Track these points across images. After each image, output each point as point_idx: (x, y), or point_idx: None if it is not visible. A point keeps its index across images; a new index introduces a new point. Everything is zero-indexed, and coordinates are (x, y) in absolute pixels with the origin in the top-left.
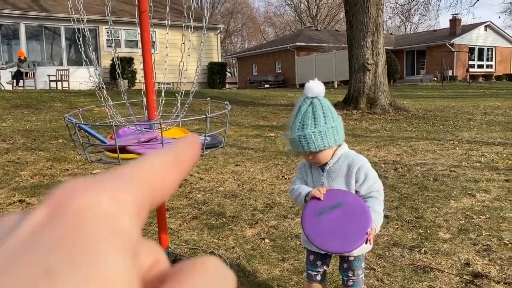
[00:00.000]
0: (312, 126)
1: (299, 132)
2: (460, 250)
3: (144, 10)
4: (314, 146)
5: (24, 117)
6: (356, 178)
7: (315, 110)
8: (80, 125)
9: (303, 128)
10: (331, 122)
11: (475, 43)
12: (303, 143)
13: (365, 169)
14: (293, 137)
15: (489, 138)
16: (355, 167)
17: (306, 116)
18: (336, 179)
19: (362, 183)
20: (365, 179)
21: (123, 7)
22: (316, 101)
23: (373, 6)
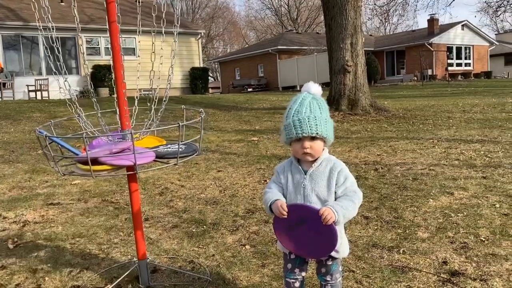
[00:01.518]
0: (307, 112)
1: (294, 117)
2: (438, 248)
3: (113, 20)
4: (307, 130)
5: (2, 129)
6: (336, 180)
7: (311, 102)
8: (51, 137)
9: (298, 114)
10: (325, 115)
11: (453, 42)
12: (297, 127)
13: (345, 173)
14: (288, 122)
15: (467, 136)
16: (336, 170)
17: (303, 105)
18: (319, 182)
19: (340, 185)
20: (344, 181)
21: (101, 14)
22: (313, 97)
23: (351, 8)
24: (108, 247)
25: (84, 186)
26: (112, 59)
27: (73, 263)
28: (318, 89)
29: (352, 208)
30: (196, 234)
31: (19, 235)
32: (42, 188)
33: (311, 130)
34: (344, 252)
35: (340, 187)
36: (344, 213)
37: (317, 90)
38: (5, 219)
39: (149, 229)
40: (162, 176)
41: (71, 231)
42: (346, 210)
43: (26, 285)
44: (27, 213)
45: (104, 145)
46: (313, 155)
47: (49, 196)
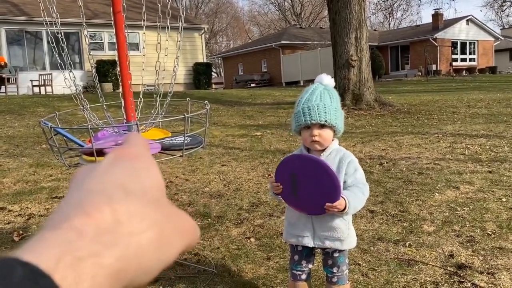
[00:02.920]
0: (317, 100)
1: (304, 105)
2: (444, 242)
3: (118, 11)
4: (316, 117)
5: (7, 123)
6: (346, 170)
7: (322, 92)
8: (56, 129)
9: (308, 102)
10: (335, 105)
11: (458, 37)
12: (306, 114)
13: (355, 164)
14: (297, 110)
15: (472, 131)
16: (346, 160)
17: (313, 94)
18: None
19: (350, 175)
20: (354, 172)
21: (105, 9)
22: (325, 88)
23: (356, 2)
24: None
25: None
26: (117, 50)
27: None
28: (330, 80)
29: (362, 199)
30: (201, 227)
31: (24, 227)
32: (46, 181)
33: (320, 118)
34: (351, 243)
35: (350, 177)
36: (355, 204)
37: (329, 81)
38: (10, 212)
39: None
40: (166, 170)
41: None
42: (357, 201)
43: None
44: (32, 206)
45: (109, 137)
46: (322, 143)
47: (53, 190)
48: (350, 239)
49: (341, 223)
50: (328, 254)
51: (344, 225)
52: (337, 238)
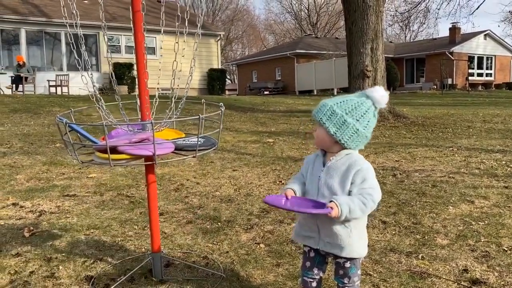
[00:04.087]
0: (338, 104)
1: (327, 100)
2: (458, 256)
3: (137, 10)
4: (316, 113)
5: (22, 122)
6: (352, 179)
7: (356, 101)
8: (71, 124)
9: (330, 100)
10: (354, 121)
11: (475, 52)
12: (318, 108)
13: (363, 174)
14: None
15: (488, 146)
16: (354, 169)
17: (344, 98)
18: (334, 176)
19: (357, 185)
20: (361, 182)
21: (124, 13)
22: (368, 101)
23: (373, 13)
24: (122, 239)
25: (100, 179)
26: (135, 48)
27: (87, 253)
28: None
29: (360, 210)
30: (211, 231)
31: (35, 224)
32: (58, 180)
33: (316, 114)
34: (352, 252)
35: (355, 187)
36: (349, 213)
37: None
38: (22, 208)
39: (164, 223)
40: (177, 173)
41: (86, 223)
42: (354, 209)
43: (40, 273)
44: (44, 203)
45: (123, 135)
46: (316, 142)
47: (65, 188)
48: (351, 248)
49: (342, 230)
50: (339, 264)
51: (346, 233)
52: (337, 244)
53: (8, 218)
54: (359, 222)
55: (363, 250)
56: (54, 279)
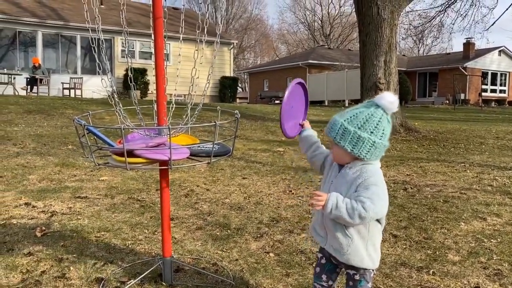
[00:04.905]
0: (348, 120)
1: (337, 116)
2: (470, 273)
3: (159, 16)
4: (332, 135)
5: (36, 122)
6: (357, 188)
7: (367, 113)
8: (89, 127)
9: (340, 116)
10: (368, 134)
11: (489, 68)
12: (329, 127)
13: (367, 184)
14: (332, 120)
15: (501, 162)
16: (361, 178)
17: (354, 111)
18: (342, 184)
19: (358, 192)
20: (363, 190)
21: (139, 18)
22: (378, 110)
23: (387, 26)
24: (133, 243)
25: (112, 182)
26: (155, 55)
27: (97, 255)
28: (388, 101)
29: (346, 211)
30: (220, 238)
31: (47, 224)
32: (70, 181)
33: (329, 133)
34: (349, 261)
35: (356, 193)
36: (336, 209)
37: (384, 101)
38: (34, 208)
39: (174, 229)
40: (188, 179)
41: (97, 225)
42: (339, 208)
43: (51, 273)
44: (55, 204)
45: (139, 139)
46: (335, 159)
47: (77, 190)
48: (349, 256)
49: (343, 238)
50: (349, 275)
51: (345, 241)
52: (338, 250)
53: (21, 218)
54: (367, 233)
55: (370, 263)
56: (65, 280)
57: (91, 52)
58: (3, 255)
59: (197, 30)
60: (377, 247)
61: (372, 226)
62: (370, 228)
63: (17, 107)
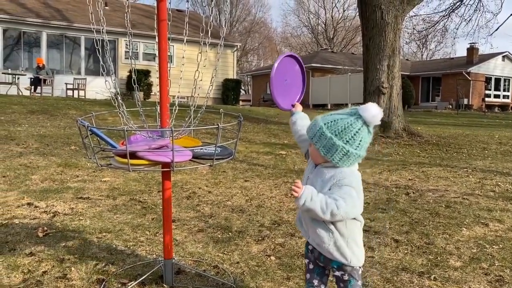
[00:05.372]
0: (328, 125)
1: (319, 118)
2: (472, 279)
3: (163, 19)
4: (310, 135)
5: (39, 123)
6: (330, 187)
7: (347, 122)
8: (92, 128)
9: (322, 118)
10: (344, 143)
11: (492, 73)
12: (310, 127)
13: (342, 184)
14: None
15: (503, 168)
16: (335, 179)
17: (336, 116)
18: (317, 180)
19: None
20: (337, 189)
21: (142, 20)
22: (359, 120)
23: (391, 30)
24: (134, 244)
25: (114, 183)
26: (159, 57)
27: (99, 256)
28: (370, 115)
29: (320, 205)
30: (222, 240)
31: (49, 224)
32: (73, 182)
33: (308, 132)
34: (354, 261)
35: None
36: (310, 201)
37: (367, 114)
38: (36, 208)
39: (175, 230)
40: (190, 181)
41: (98, 226)
42: (313, 202)
43: (52, 273)
44: (58, 204)
45: (142, 141)
46: (311, 157)
47: (79, 190)
48: (333, 252)
49: (323, 231)
50: (338, 277)
51: (326, 235)
52: (319, 244)
53: (23, 218)
54: (345, 230)
55: (354, 259)
56: (66, 280)
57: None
58: (5, 255)
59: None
60: (359, 243)
61: (350, 223)
62: (348, 225)
63: (20, 107)
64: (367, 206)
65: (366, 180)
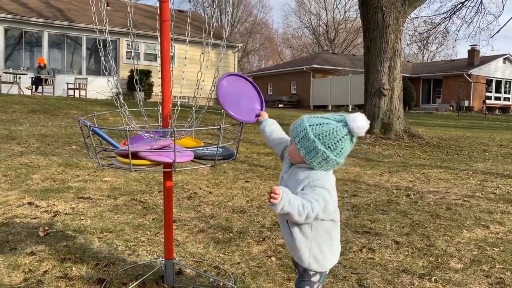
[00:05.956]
0: (313, 127)
1: (305, 118)
2: (472, 281)
3: (165, 20)
4: (293, 135)
5: (40, 122)
6: (303, 187)
7: (332, 128)
8: (94, 128)
9: (308, 119)
10: (325, 148)
11: (493, 75)
12: (294, 126)
13: (314, 185)
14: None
15: (504, 170)
16: (309, 179)
17: (322, 120)
18: (291, 180)
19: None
20: (309, 190)
21: (144, 20)
22: (344, 128)
23: (392, 32)
24: (135, 244)
25: (114, 183)
26: (161, 57)
27: (100, 256)
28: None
29: (297, 207)
30: (222, 241)
31: (50, 224)
32: (73, 181)
33: (291, 131)
34: (313, 265)
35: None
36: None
37: (354, 124)
38: (37, 208)
39: (176, 231)
40: (191, 181)
41: (99, 226)
42: (291, 205)
43: (53, 273)
44: (59, 204)
45: (143, 141)
46: (290, 156)
47: (80, 190)
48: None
49: (286, 233)
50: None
51: (288, 237)
52: (285, 243)
53: (24, 217)
54: (310, 232)
55: (314, 264)
56: (67, 280)
57: (96, 53)
58: (6, 254)
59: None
60: (323, 248)
61: (316, 225)
62: (314, 228)
63: (21, 107)
64: (368, 207)
65: (366, 182)
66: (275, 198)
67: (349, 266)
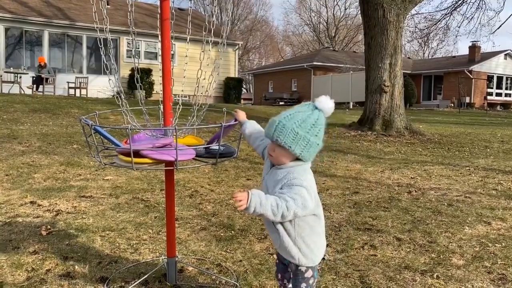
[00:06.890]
0: (286, 118)
1: (275, 117)
2: (474, 277)
3: (166, 18)
4: (269, 133)
5: (41, 121)
6: (281, 186)
7: (304, 113)
8: (96, 127)
9: (277, 116)
10: (305, 132)
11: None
12: (268, 127)
13: (292, 183)
14: (272, 119)
15: (506, 167)
16: (287, 179)
17: (292, 111)
18: (272, 181)
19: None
20: (287, 189)
21: (144, 19)
22: (315, 111)
23: (393, 29)
24: (137, 243)
25: (116, 182)
26: (162, 56)
27: (102, 255)
28: (330, 105)
29: (271, 208)
30: (224, 238)
31: (52, 223)
32: (75, 180)
33: (271, 134)
34: (303, 260)
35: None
36: (260, 206)
37: (325, 106)
38: (40, 207)
39: (178, 229)
40: (192, 179)
41: (101, 224)
42: (263, 206)
43: (56, 271)
44: (61, 203)
45: (145, 140)
46: (274, 160)
47: (82, 189)
48: (281, 251)
49: (272, 232)
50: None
51: (274, 236)
52: (273, 242)
53: (26, 216)
54: (292, 229)
55: (303, 259)
56: (70, 278)
57: (96, 52)
58: (9, 253)
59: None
60: (309, 242)
61: (299, 221)
62: (297, 225)
63: (22, 106)
64: (369, 204)
65: (368, 179)
66: (240, 204)
67: (351, 263)
